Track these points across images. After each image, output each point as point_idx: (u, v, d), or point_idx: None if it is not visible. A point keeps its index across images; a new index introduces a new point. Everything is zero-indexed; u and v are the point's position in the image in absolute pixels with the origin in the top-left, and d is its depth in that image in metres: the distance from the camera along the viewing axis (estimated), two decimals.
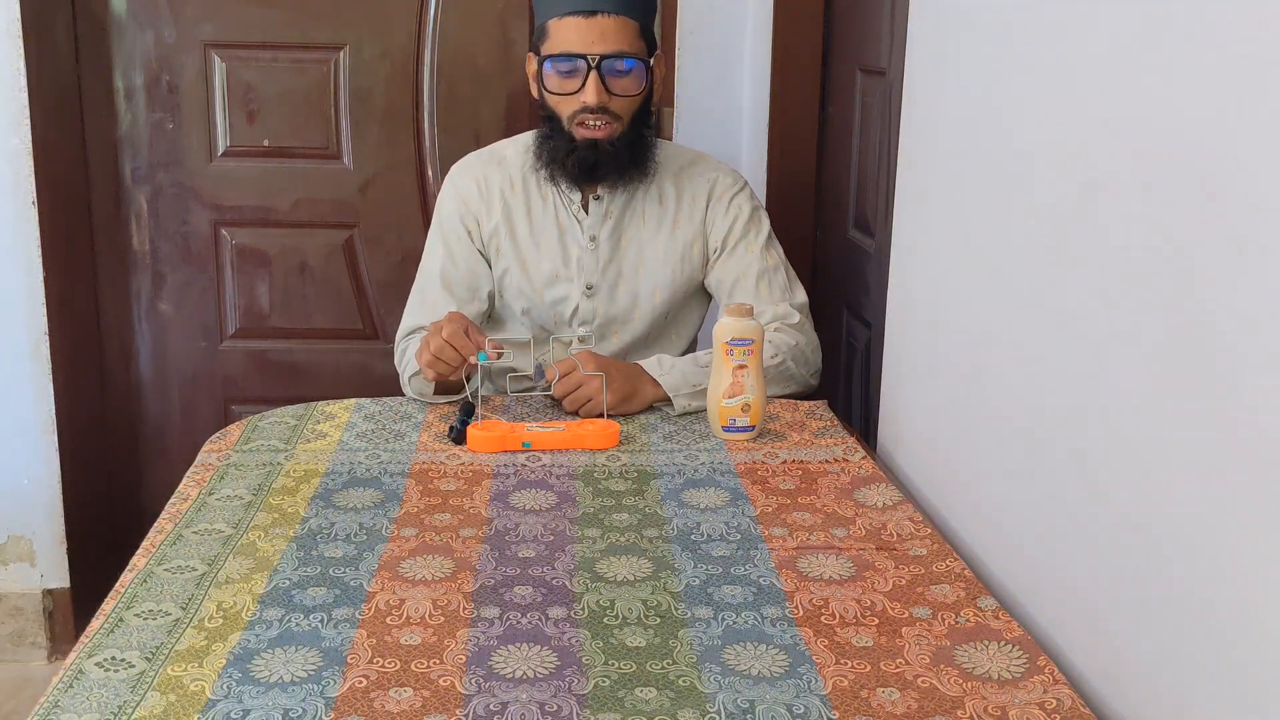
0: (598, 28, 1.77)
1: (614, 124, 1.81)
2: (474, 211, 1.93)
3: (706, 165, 1.98)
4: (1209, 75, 0.92)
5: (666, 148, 1.98)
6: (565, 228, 1.91)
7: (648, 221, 1.92)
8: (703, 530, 1.35)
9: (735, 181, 1.96)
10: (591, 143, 1.81)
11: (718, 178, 1.95)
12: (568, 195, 1.90)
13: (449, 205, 1.95)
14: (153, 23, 2.61)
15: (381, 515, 1.38)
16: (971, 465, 1.42)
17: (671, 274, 1.93)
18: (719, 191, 1.94)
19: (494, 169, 1.95)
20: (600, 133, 1.80)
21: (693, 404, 1.75)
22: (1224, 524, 0.90)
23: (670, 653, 1.09)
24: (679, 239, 1.93)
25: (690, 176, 1.95)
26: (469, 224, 1.93)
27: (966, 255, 1.44)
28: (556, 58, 1.79)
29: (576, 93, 1.79)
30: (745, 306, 1.63)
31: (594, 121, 1.79)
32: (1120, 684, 1.06)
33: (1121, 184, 1.05)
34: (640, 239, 1.92)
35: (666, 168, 1.94)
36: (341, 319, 2.76)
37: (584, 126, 1.80)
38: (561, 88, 1.80)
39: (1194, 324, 0.93)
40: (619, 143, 1.82)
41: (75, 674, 1.04)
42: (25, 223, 2.47)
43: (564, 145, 1.82)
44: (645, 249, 1.92)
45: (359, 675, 1.04)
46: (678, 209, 1.93)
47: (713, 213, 1.94)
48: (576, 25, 1.77)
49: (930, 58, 1.59)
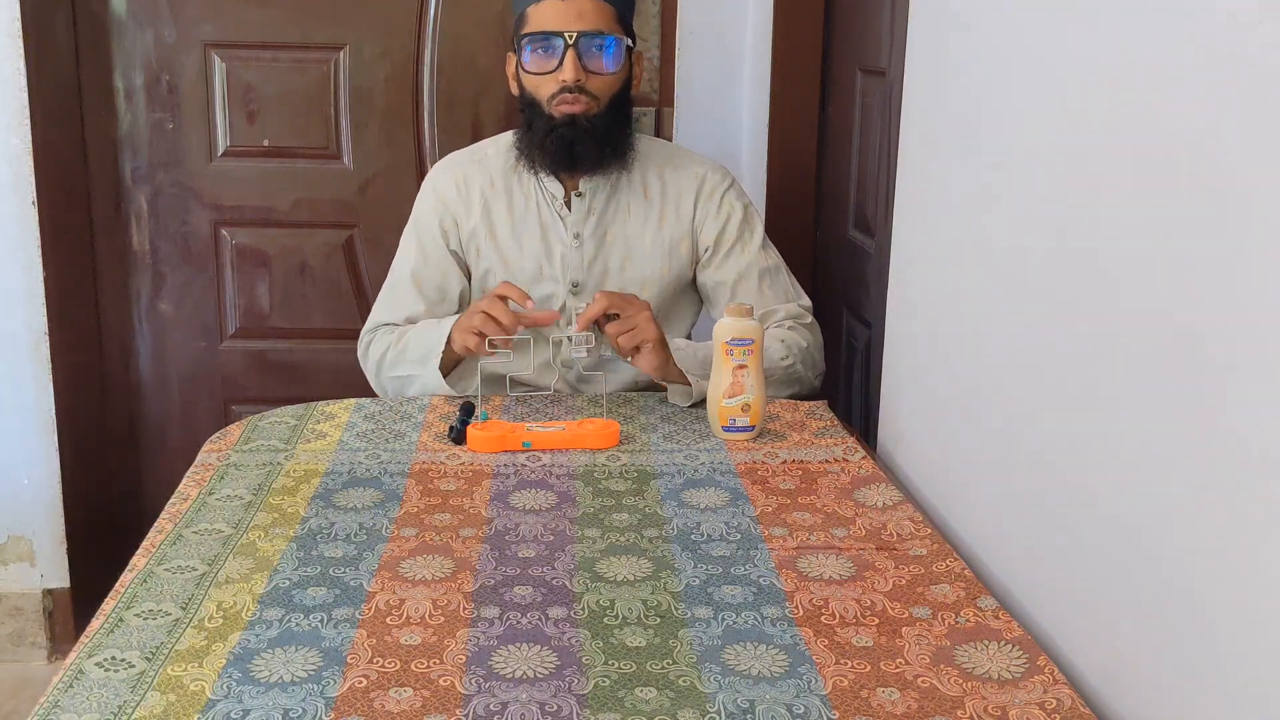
0: (575, 8, 1.79)
1: (591, 103, 1.82)
2: (452, 211, 1.93)
3: (692, 159, 1.98)
4: (1209, 76, 0.92)
5: (648, 141, 1.98)
6: (548, 225, 1.91)
7: (633, 215, 1.92)
8: (703, 530, 1.35)
9: (724, 178, 1.96)
10: (570, 119, 1.81)
11: (706, 174, 1.94)
12: (550, 192, 1.90)
13: (426, 204, 1.96)
14: (153, 23, 2.61)
15: (381, 515, 1.38)
16: (971, 465, 1.42)
17: (659, 269, 1.92)
18: (708, 189, 1.93)
19: (474, 168, 1.95)
20: (577, 107, 1.81)
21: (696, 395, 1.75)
22: (1223, 523, 0.90)
23: (670, 653, 1.09)
24: (665, 234, 1.92)
25: (675, 170, 1.94)
26: (446, 225, 1.93)
27: (966, 255, 1.44)
28: (534, 36, 1.81)
29: (554, 71, 1.80)
30: (745, 307, 1.63)
31: (572, 99, 1.80)
32: (1120, 684, 1.06)
33: (1121, 184, 1.05)
34: (626, 234, 1.91)
35: (649, 160, 1.93)
36: (341, 319, 2.76)
37: (563, 104, 1.81)
38: (540, 67, 1.82)
39: (1193, 324, 0.93)
40: (596, 121, 1.82)
41: (75, 674, 1.04)
42: (25, 223, 2.48)
43: (544, 127, 1.83)
44: (631, 244, 1.92)
45: (359, 675, 1.04)
46: (663, 203, 1.92)
47: (703, 211, 1.93)
48: (554, 6, 1.80)
49: (930, 58, 1.59)
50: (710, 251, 1.93)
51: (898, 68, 1.73)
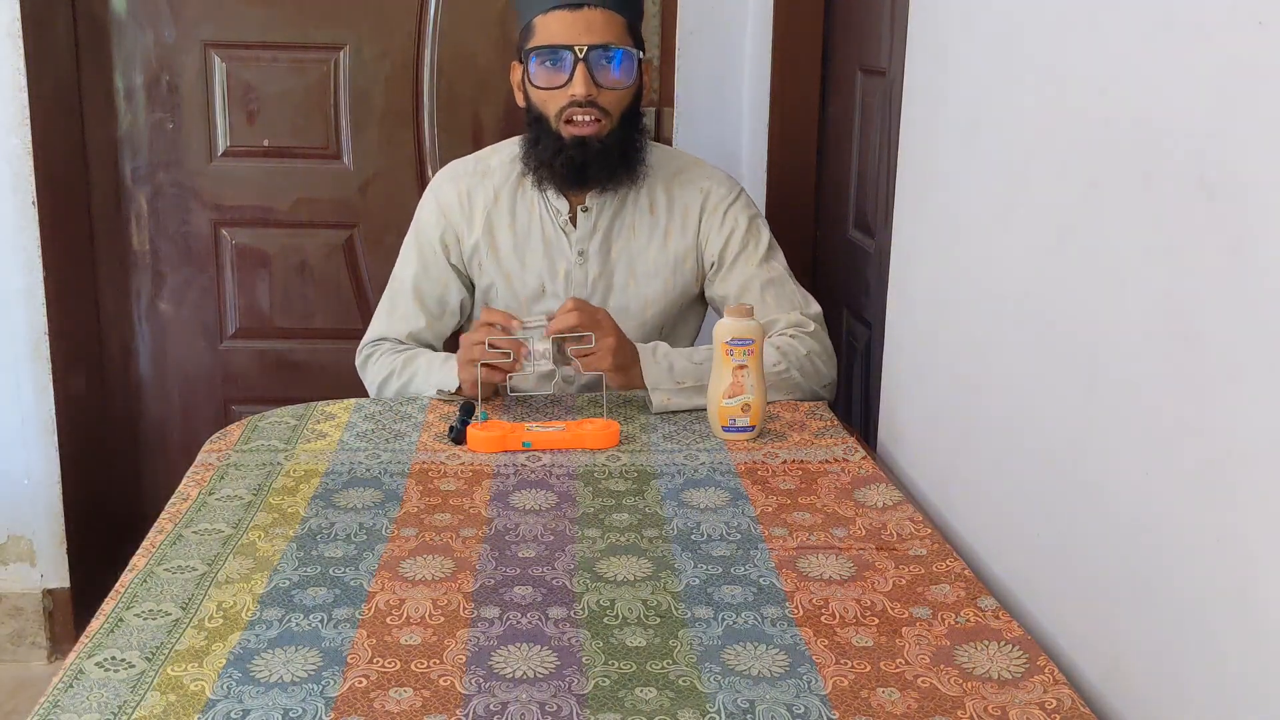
0: (584, 20, 1.74)
1: (603, 120, 1.77)
2: (454, 226, 1.90)
3: (699, 173, 1.93)
4: (1208, 75, 0.92)
5: (657, 152, 1.93)
6: (552, 241, 1.87)
7: (638, 233, 1.88)
8: (703, 530, 1.35)
9: (730, 191, 1.91)
10: (580, 141, 1.76)
11: (711, 188, 1.90)
12: (554, 207, 1.87)
13: (429, 216, 1.91)
14: (153, 23, 2.61)
15: (381, 515, 1.38)
16: (971, 465, 1.42)
17: (664, 286, 1.89)
18: (713, 203, 1.89)
19: (478, 180, 1.90)
20: (589, 129, 1.76)
21: (672, 401, 1.70)
22: (1224, 523, 0.90)
23: (670, 653, 1.09)
24: (670, 251, 1.88)
25: (682, 185, 1.90)
26: (448, 239, 1.90)
27: (966, 255, 1.44)
28: (542, 50, 1.76)
29: (564, 86, 1.75)
30: (745, 307, 1.63)
31: (582, 117, 1.76)
32: (1120, 684, 1.06)
33: (1121, 184, 1.05)
34: (630, 251, 1.88)
35: (657, 174, 1.89)
36: (341, 319, 2.76)
37: (572, 124, 1.77)
38: (549, 81, 1.77)
39: (1193, 323, 0.93)
40: (609, 140, 1.78)
41: (75, 674, 1.04)
42: (25, 223, 2.48)
43: (552, 145, 1.78)
44: (636, 261, 1.88)
45: (359, 675, 1.04)
46: (669, 219, 1.88)
47: (707, 225, 1.89)
48: (562, 18, 1.74)
49: (930, 58, 1.59)
50: (716, 266, 1.89)
51: (898, 68, 1.73)
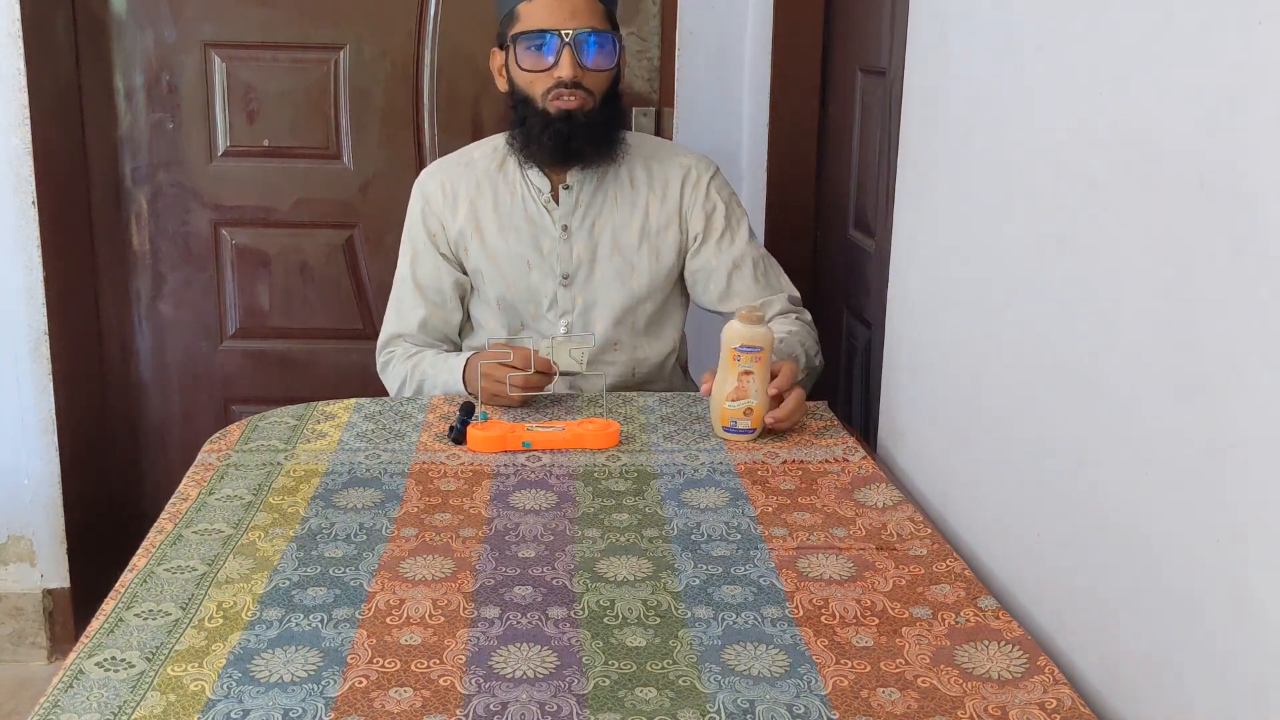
0: (568, 6, 1.81)
1: (587, 98, 1.83)
2: (438, 214, 1.96)
3: (676, 150, 2.02)
4: (1208, 75, 0.92)
5: (633, 135, 2.01)
6: (535, 219, 1.93)
7: (620, 205, 1.94)
8: (703, 530, 1.35)
9: (709, 167, 1.99)
10: (566, 114, 1.82)
11: (691, 164, 1.98)
12: (536, 187, 1.92)
13: (414, 211, 1.99)
14: (153, 23, 2.61)
15: (381, 515, 1.38)
16: (971, 465, 1.42)
17: (648, 257, 1.94)
18: (694, 177, 1.96)
19: (459, 171, 1.97)
20: (574, 103, 1.82)
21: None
22: (1223, 523, 0.90)
23: (670, 653, 1.09)
24: (653, 222, 1.95)
25: (661, 160, 1.97)
26: (433, 228, 1.96)
27: (966, 255, 1.44)
28: (529, 34, 1.82)
29: (550, 69, 1.82)
30: (757, 314, 1.61)
31: (568, 96, 1.82)
32: (1120, 684, 1.06)
33: (1121, 183, 1.05)
34: (613, 224, 1.94)
35: (635, 153, 1.96)
36: (341, 319, 2.76)
37: (558, 100, 1.83)
38: (535, 64, 1.83)
39: (1193, 324, 0.93)
40: (592, 116, 1.84)
41: (75, 674, 1.04)
42: (25, 223, 2.48)
43: (539, 121, 1.84)
44: (619, 234, 1.94)
45: (359, 675, 1.04)
46: (649, 191, 1.95)
47: (690, 199, 1.95)
48: (546, 4, 1.82)
49: (930, 58, 1.59)
50: (700, 239, 1.95)
51: (898, 68, 1.73)
